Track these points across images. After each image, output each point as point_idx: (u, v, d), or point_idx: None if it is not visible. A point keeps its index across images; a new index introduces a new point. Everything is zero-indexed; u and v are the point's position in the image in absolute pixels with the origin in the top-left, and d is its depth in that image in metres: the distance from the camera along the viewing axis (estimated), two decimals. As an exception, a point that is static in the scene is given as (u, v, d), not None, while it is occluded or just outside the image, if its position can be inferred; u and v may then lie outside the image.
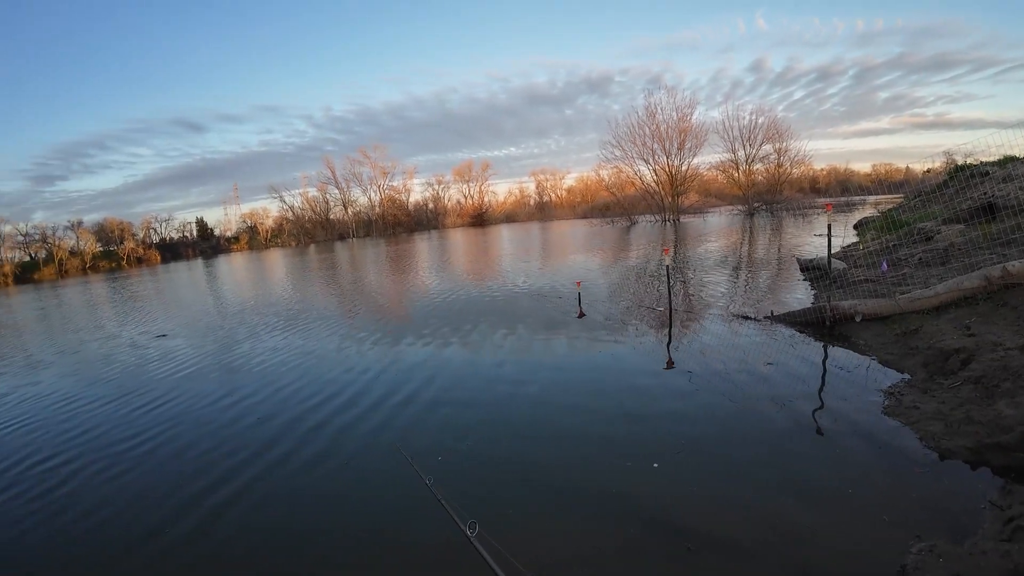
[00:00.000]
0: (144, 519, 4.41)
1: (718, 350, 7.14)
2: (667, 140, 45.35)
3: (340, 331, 11.38)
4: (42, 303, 32.15)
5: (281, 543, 3.85)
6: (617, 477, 4.18)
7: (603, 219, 48.69)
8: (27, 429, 7.18)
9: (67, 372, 10.55)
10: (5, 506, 4.94)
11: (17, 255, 78.62)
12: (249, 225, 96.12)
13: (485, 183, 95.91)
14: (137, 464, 5.56)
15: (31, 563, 3.98)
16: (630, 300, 11.19)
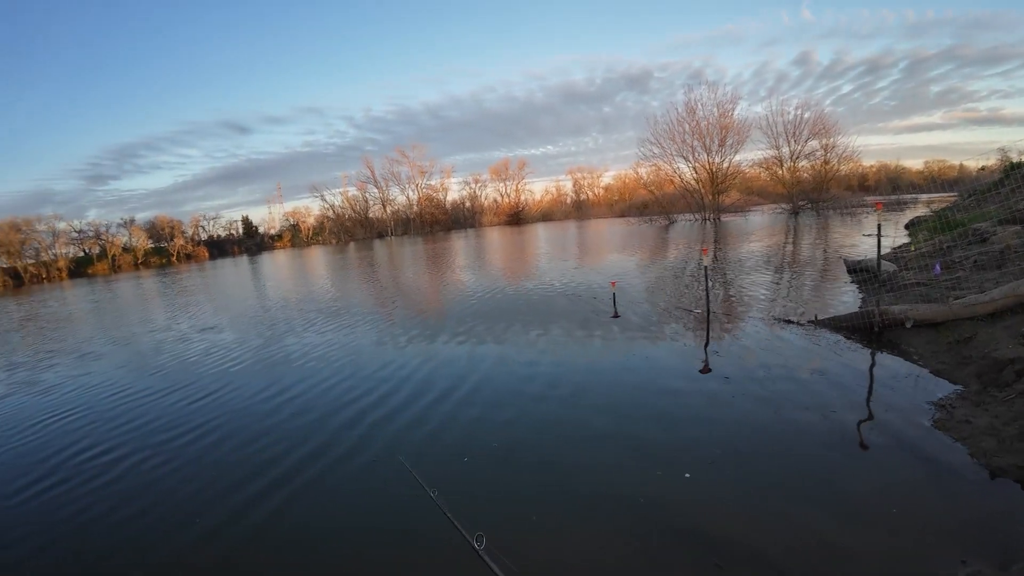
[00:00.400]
0: (184, 513, 4.56)
1: (757, 355, 6.94)
2: (707, 137, 44.22)
3: (379, 328, 11.62)
4: (95, 297, 33.71)
5: (313, 540, 3.93)
6: (646, 486, 4.10)
7: (640, 218, 48.06)
8: (80, 419, 7.53)
9: (119, 364, 11.03)
10: (58, 497, 5.15)
11: (71, 251, 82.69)
12: (292, 223, 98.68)
13: (522, 181, 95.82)
14: (178, 456, 5.78)
15: (84, 553, 4.15)
16: (666, 301, 10.99)
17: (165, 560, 3.94)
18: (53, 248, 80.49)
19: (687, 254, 19.94)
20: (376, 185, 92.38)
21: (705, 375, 6.47)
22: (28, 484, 5.53)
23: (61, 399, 8.80)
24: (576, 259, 21.99)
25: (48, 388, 9.71)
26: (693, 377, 6.44)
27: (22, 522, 4.76)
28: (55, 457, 6.19)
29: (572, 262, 20.76)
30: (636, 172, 57.21)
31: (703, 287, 9.88)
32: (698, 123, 44.35)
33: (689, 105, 44.54)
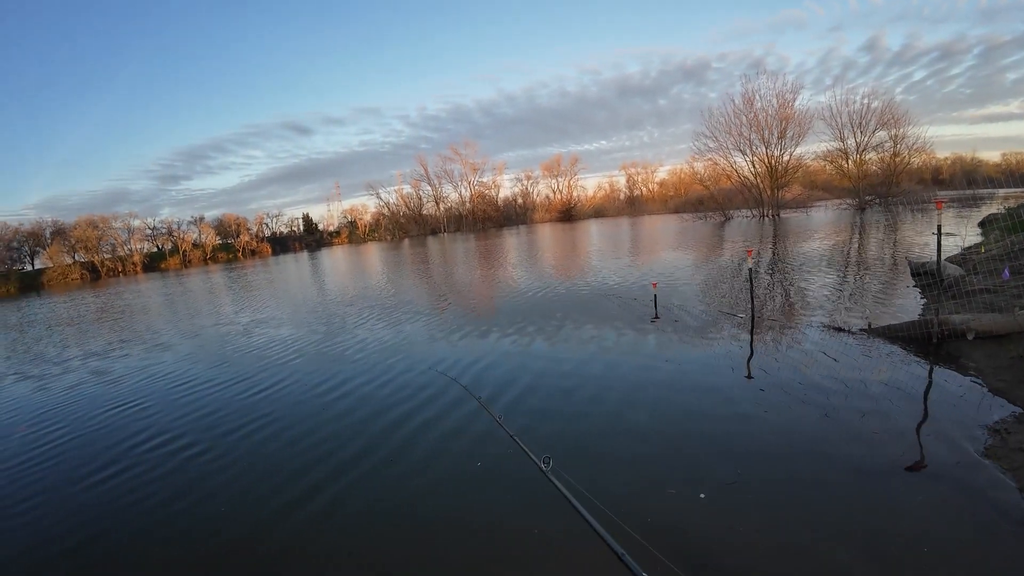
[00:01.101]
0: (249, 500, 4.83)
1: (802, 365, 6.59)
2: (766, 129, 42.26)
3: (432, 323, 12.03)
4: (167, 290, 35.77)
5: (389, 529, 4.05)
6: (659, 506, 3.96)
7: (695, 214, 46.78)
8: (147, 408, 8.05)
9: (186, 355, 11.77)
10: (123, 484, 5.46)
11: (145, 246, 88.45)
12: (349, 220, 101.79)
13: (574, 177, 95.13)
14: (239, 446, 6.10)
15: (150, 543, 4.36)
16: (712, 304, 10.64)
17: (229, 545, 4.15)
18: (128, 244, 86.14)
19: (741, 253, 19.28)
20: (429, 183, 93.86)
21: (745, 384, 6.22)
22: (95, 470, 5.92)
23: (130, 388, 9.45)
24: (625, 257, 21.63)
25: (118, 377, 10.42)
26: (731, 386, 6.19)
27: (88, 507, 5.07)
28: (121, 445, 6.63)
29: (621, 260, 20.44)
30: (691, 167, 55.72)
31: (755, 289, 9.53)
32: (756, 115, 42.49)
33: (747, 96, 42.73)
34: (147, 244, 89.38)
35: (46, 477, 5.99)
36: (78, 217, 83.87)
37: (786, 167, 42.66)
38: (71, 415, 8.27)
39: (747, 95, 42.69)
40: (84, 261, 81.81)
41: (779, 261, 16.31)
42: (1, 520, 5.06)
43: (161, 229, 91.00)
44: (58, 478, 5.91)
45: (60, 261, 79.76)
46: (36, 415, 8.58)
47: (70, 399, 9.28)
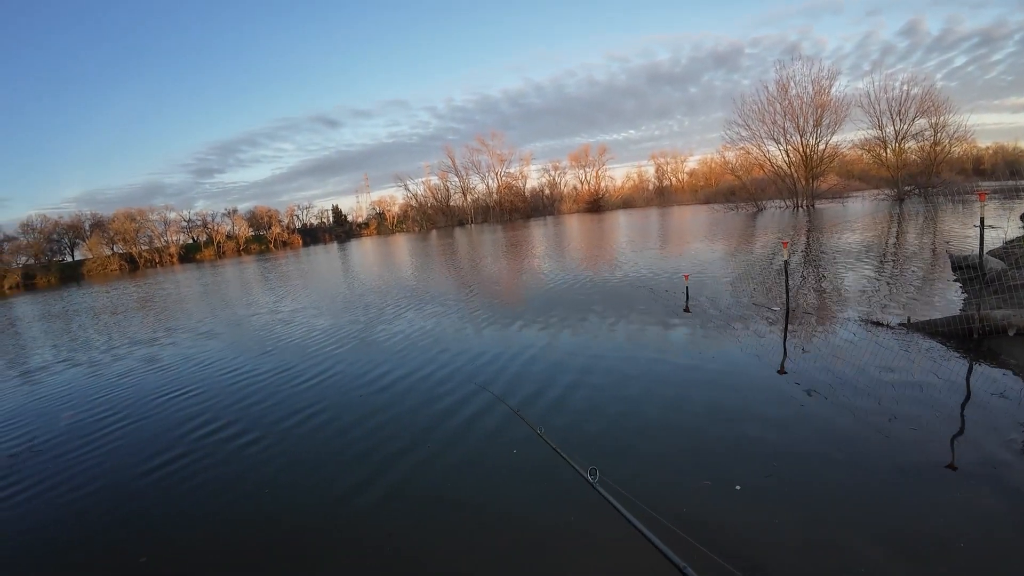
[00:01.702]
0: (303, 488, 4.97)
1: (838, 360, 6.52)
2: (801, 116, 41.00)
3: (459, 313, 12.32)
4: (204, 280, 36.80)
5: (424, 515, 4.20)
6: (692, 498, 4.01)
7: (726, 205, 45.96)
8: (197, 397, 8.34)
9: (230, 343, 12.18)
10: (178, 472, 5.65)
11: (181, 238, 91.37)
12: (378, 212, 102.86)
13: (602, 168, 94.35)
14: (290, 436, 6.26)
15: (204, 533, 4.48)
16: (745, 296, 10.54)
17: (281, 537, 4.25)
18: (165, 236, 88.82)
19: (774, 245, 18.96)
20: (457, 174, 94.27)
21: (778, 377, 6.19)
22: (148, 458, 6.14)
23: (178, 376, 9.81)
24: (655, 248, 21.45)
25: (167, 365, 10.83)
26: (764, 379, 6.17)
27: (141, 496, 5.23)
28: (173, 432, 6.87)
29: (650, 251, 20.29)
30: (722, 156, 54.73)
31: (787, 282, 9.41)
32: (791, 102, 41.16)
33: (781, 82, 41.46)
34: (183, 236, 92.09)
35: (101, 464, 6.20)
36: (116, 210, 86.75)
37: (821, 156, 41.46)
38: (123, 402, 8.62)
39: (781, 81, 41.49)
40: (123, 252, 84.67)
41: (814, 253, 16.02)
42: (55, 509, 5.29)
43: (196, 221, 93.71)
44: (112, 466, 6.12)
45: (99, 252, 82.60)
46: (89, 402, 8.96)
47: (121, 386, 9.68)
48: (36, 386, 10.88)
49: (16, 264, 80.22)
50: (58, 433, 7.66)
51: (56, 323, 22.95)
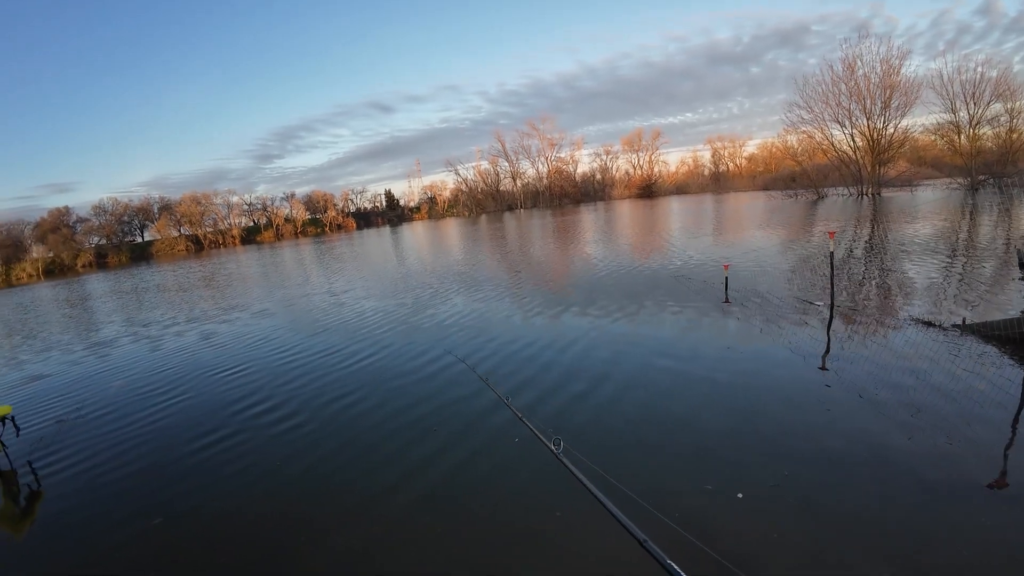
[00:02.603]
0: (356, 471, 5.02)
1: (883, 361, 6.10)
2: (868, 98, 38.24)
3: (508, 298, 12.47)
4: (264, 261, 38.33)
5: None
6: (694, 500, 3.80)
7: (785, 192, 44.02)
8: (251, 375, 8.65)
9: (285, 323, 12.70)
10: (229, 450, 5.80)
11: (243, 221, 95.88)
12: (429, 196, 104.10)
13: (655, 152, 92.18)
14: (340, 417, 6.38)
15: (245, 517, 4.55)
16: (792, 289, 10.04)
17: (339, 514, 4.31)
18: (228, 218, 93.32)
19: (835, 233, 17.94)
20: (507, 158, 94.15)
21: (809, 380, 5.82)
22: (200, 435, 6.35)
23: (235, 353, 10.25)
24: (705, 236, 20.71)
25: (225, 342, 11.35)
26: (793, 381, 5.83)
27: (190, 475, 5.39)
28: (226, 410, 7.12)
29: (700, 239, 19.60)
30: (783, 141, 52.34)
31: (840, 276, 8.86)
32: (857, 82, 38.47)
33: (847, 62, 38.80)
34: (244, 218, 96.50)
35: (155, 439, 6.48)
36: (183, 194, 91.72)
37: (890, 140, 38.80)
38: (181, 377, 9.06)
39: (848, 60, 38.96)
40: (189, 234, 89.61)
41: (875, 244, 15.09)
42: (93, 481, 5.59)
43: (257, 205, 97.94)
44: (165, 441, 6.37)
45: (167, 234, 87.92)
46: (146, 374, 9.54)
47: (181, 361, 10.21)
48: (97, 357, 11.64)
49: (89, 244, 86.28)
50: (108, 402, 8.13)
51: (125, 299, 24.42)
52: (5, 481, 5.91)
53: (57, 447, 6.59)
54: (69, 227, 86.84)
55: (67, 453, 6.37)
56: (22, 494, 5.66)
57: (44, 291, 42.54)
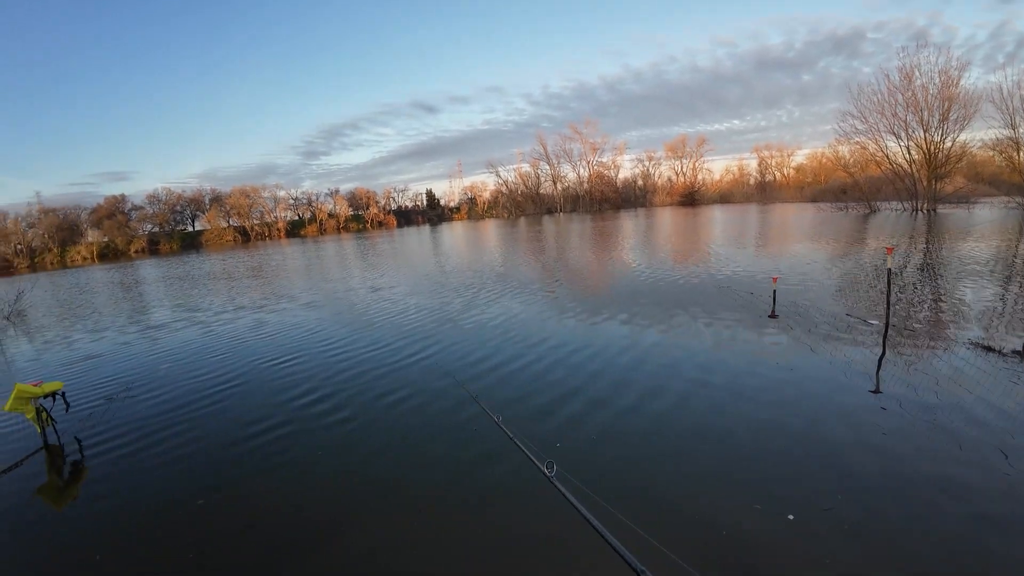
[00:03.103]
0: (409, 465, 5.12)
1: (940, 386, 5.87)
2: (925, 110, 36.50)
3: (542, 301, 12.61)
4: (307, 254, 39.43)
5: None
6: (741, 519, 3.77)
7: (834, 204, 42.77)
8: (303, 364, 8.91)
9: (332, 315, 13.11)
10: (276, 443, 5.90)
11: (288, 215, 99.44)
12: (469, 197, 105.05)
13: (700, 159, 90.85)
14: (390, 413, 6.47)
15: (307, 496, 4.78)
16: (842, 306, 9.79)
17: (397, 506, 4.42)
18: (274, 211, 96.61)
19: (883, 251, 17.43)
20: (548, 162, 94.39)
21: (861, 402, 5.66)
22: (249, 423, 6.53)
23: (282, 343, 10.58)
24: (750, 247, 20.33)
25: (272, 332, 11.75)
26: (844, 402, 5.68)
27: (236, 459, 5.59)
28: (275, 399, 7.34)
29: (745, 250, 19.26)
30: (834, 151, 50.75)
31: (894, 294, 8.60)
32: (914, 92, 36.83)
33: (905, 71, 37.18)
34: (289, 212, 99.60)
35: (200, 422, 6.74)
36: (233, 187, 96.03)
37: (947, 155, 37.21)
38: (230, 363, 9.44)
39: (905, 70, 37.49)
40: (237, 225, 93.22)
41: (930, 263, 14.57)
42: (149, 462, 5.88)
43: (302, 200, 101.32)
44: (211, 425, 6.62)
45: (217, 224, 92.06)
46: (198, 359, 9.93)
47: (229, 347, 10.65)
48: (149, 340, 12.21)
49: (142, 231, 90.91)
50: (157, 383, 8.58)
51: (176, 285, 25.50)
52: (51, 455, 6.26)
53: (104, 425, 6.97)
54: (124, 214, 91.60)
55: (113, 431, 6.72)
56: (67, 468, 5.97)
57: (98, 274, 44.78)
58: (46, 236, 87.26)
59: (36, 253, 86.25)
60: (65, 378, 9.25)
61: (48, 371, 10.44)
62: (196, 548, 4.09)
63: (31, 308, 22.40)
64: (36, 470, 5.92)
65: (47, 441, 6.50)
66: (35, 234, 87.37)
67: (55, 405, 6.70)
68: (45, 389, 6.46)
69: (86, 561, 4.07)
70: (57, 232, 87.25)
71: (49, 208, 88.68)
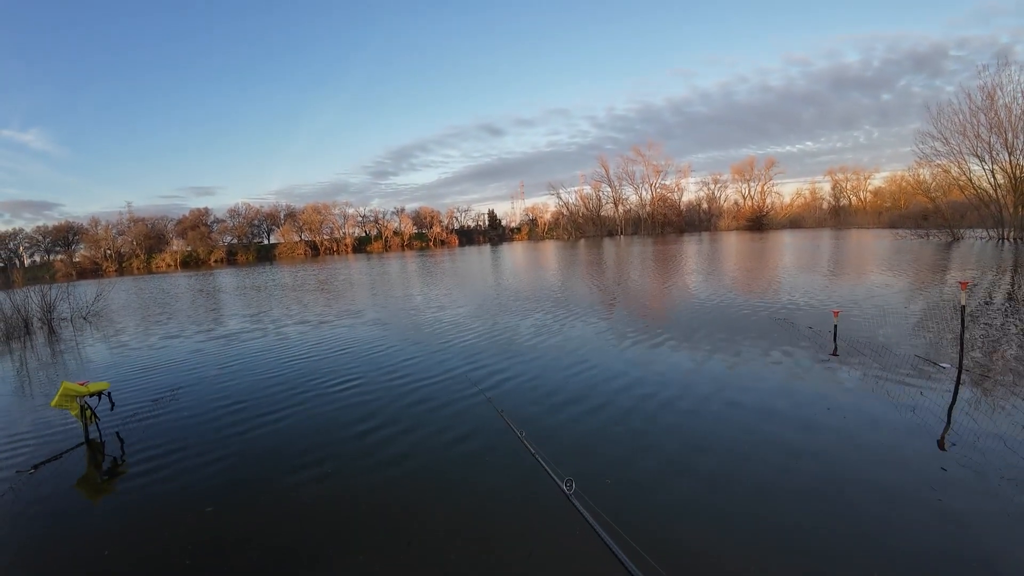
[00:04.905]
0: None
1: (1018, 444, 5.32)
2: (1010, 130, 33.87)
3: (600, 325, 12.60)
4: (373, 271, 41.04)
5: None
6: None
7: (914, 231, 40.40)
8: (360, 387, 8.67)
9: (405, 336, 12.90)
10: (323, 465, 5.90)
11: (356, 231, 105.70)
12: (530, 218, 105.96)
13: (768, 182, 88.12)
14: (446, 463, 5.77)
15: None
16: (912, 345, 9.10)
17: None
18: (343, 228, 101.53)
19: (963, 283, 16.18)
20: (609, 184, 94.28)
21: (922, 459, 5.17)
22: (295, 441, 6.50)
23: (339, 361, 10.53)
24: (819, 276, 19.32)
25: (330, 350, 11.82)
26: (903, 457, 5.22)
27: (276, 483, 5.58)
28: (324, 420, 7.19)
29: (813, 280, 18.27)
30: (915, 175, 48.14)
31: (973, 334, 7.98)
32: (997, 113, 34.32)
33: (986, 90, 34.67)
34: (357, 229, 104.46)
35: (245, 437, 6.87)
36: (307, 204, 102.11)
37: (1035, 180, 34.53)
38: (286, 376, 9.68)
39: (987, 89, 34.80)
40: (308, 240, 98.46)
41: (1016, 298, 13.48)
42: (186, 465, 6.05)
43: (369, 217, 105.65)
44: (254, 440, 6.71)
45: (290, 238, 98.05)
46: (256, 371, 10.23)
47: (289, 361, 10.94)
48: (208, 347, 12.73)
49: (222, 242, 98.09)
50: (206, 389, 9.10)
51: (246, 295, 27.14)
52: (92, 451, 6.73)
53: (147, 425, 7.45)
54: (207, 226, 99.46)
55: (154, 432, 7.14)
56: (105, 465, 6.37)
57: (181, 280, 48.02)
58: (134, 243, 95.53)
59: (124, 258, 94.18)
60: (120, 377, 10.13)
61: (108, 370, 11.30)
62: (204, 554, 4.25)
63: (109, 310, 24.27)
64: (75, 464, 6.39)
65: (88, 437, 7.01)
66: (124, 241, 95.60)
67: (100, 404, 7.22)
68: (91, 389, 6.93)
69: (98, 557, 4.37)
70: (145, 240, 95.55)
71: (139, 217, 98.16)
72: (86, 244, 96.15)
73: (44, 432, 7.52)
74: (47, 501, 5.41)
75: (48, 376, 11.33)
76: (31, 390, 10.29)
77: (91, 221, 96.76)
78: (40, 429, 7.67)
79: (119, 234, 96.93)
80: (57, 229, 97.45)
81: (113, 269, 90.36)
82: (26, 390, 10.33)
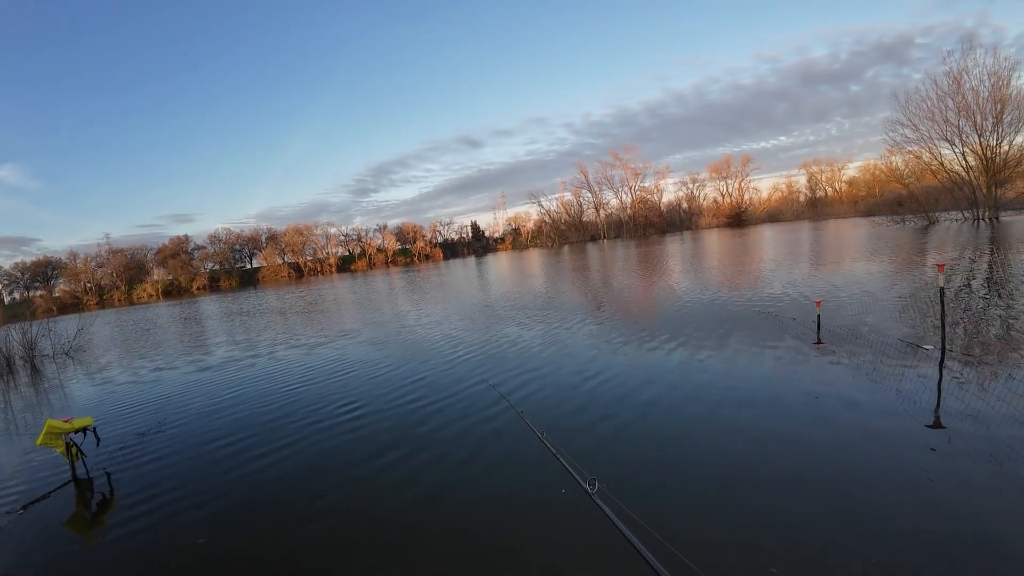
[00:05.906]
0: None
1: (1007, 422, 5.35)
2: (978, 113, 35.10)
3: (587, 329, 12.60)
4: (357, 289, 40.87)
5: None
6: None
7: (890, 218, 41.16)
8: (361, 412, 8.34)
9: (401, 357, 12.23)
10: (322, 487, 5.99)
11: (339, 250, 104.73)
12: (513, 228, 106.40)
13: (745, 179, 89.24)
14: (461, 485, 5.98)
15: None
16: (895, 330, 9.24)
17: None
18: (326, 248, 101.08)
19: (941, 265, 16.45)
20: (590, 189, 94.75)
21: (910, 438, 5.23)
22: (300, 490, 5.93)
23: (337, 388, 9.91)
24: (799, 267, 19.59)
25: (347, 369, 11.51)
26: (891, 438, 5.27)
27: (274, 515, 5.62)
28: (332, 468, 6.26)
29: (793, 271, 18.57)
30: (887, 163, 49.09)
31: (955, 315, 8.10)
32: (965, 97, 35.58)
33: (953, 75, 35.92)
34: (340, 248, 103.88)
35: (229, 467, 6.74)
36: (288, 226, 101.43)
37: (1005, 159, 35.28)
38: (274, 404, 9.34)
39: (953, 74, 35.94)
40: (291, 262, 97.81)
41: (994, 278, 13.73)
42: (173, 500, 5.97)
43: (352, 235, 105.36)
44: (238, 470, 6.56)
45: (272, 261, 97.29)
46: (241, 400, 9.97)
47: (276, 386, 10.71)
48: (194, 376, 12.56)
49: (204, 269, 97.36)
50: (190, 422, 8.92)
51: (231, 321, 26.93)
52: (80, 489, 6.61)
53: (134, 460, 7.33)
54: (188, 253, 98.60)
55: (143, 466, 7.04)
56: (95, 501, 6.27)
57: (161, 310, 47.46)
58: (114, 275, 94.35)
59: (104, 291, 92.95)
60: (105, 412, 9.94)
61: (91, 405, 11.16)
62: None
63: (91, 344, 23.95)
64: (64, 502, 6.27)
65: (76, 474, 6.86)
66: (104, 273, 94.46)
67: (85, 440, 7.07)
68: (75, 425, 6.80)
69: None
70: (125, 271, 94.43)
71: (117, 248, 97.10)
72: (65, 278, 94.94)
73: (31, 471, 7.40)
74: (39, 541, 5.32)
75: (33, 415, 11.13)
76: (16, 429, 10.11)
77: (69, 254, 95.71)
78: (28, 468, 7.55)
79: (98, 266, 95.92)
80: (36, 264, 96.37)
81: (94, 302, 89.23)
82: (11, 429, 10.16)
